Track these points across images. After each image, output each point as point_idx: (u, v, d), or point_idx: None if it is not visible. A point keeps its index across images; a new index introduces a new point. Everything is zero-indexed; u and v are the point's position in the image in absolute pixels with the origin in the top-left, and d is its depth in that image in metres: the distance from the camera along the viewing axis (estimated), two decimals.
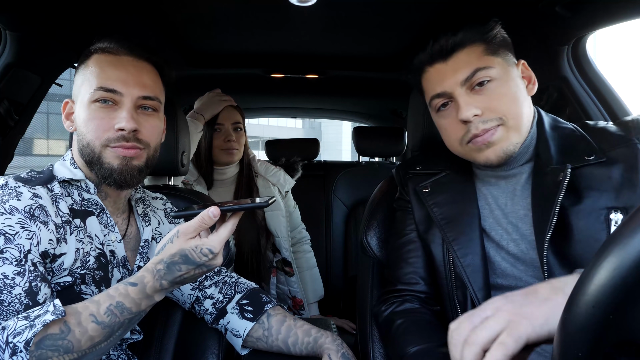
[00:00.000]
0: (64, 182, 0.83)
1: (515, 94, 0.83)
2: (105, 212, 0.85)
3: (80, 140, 0.83)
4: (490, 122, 0.81)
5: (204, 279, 0.98)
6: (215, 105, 1.61)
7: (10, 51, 1.22)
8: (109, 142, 0.81)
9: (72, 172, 0.84)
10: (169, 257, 0.71)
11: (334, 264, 2.29)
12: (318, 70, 1.93)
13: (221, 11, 1.31)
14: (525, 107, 0.84)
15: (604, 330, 0.35)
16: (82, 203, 0.83)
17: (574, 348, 0.36)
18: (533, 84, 0.87)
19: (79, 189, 0.84)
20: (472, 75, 0.82)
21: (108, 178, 0.82)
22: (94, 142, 0.81)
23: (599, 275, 0.35)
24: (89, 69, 0.84)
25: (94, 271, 0.80)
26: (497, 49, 0.85)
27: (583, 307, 0.36)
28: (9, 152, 1.36)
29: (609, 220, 0.75)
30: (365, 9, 1.29)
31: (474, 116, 0.81)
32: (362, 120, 3.29)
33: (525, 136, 0.84)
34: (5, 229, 0.69)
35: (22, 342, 0.61)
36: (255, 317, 0.94)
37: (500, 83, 0.82)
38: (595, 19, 1.12)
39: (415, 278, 0.91)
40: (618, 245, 0.34)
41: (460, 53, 0.84)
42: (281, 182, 1.80)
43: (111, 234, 0.85)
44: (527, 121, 0.84)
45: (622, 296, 0.34)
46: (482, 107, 0.81)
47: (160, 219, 0.99)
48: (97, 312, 0.68)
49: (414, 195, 0.94)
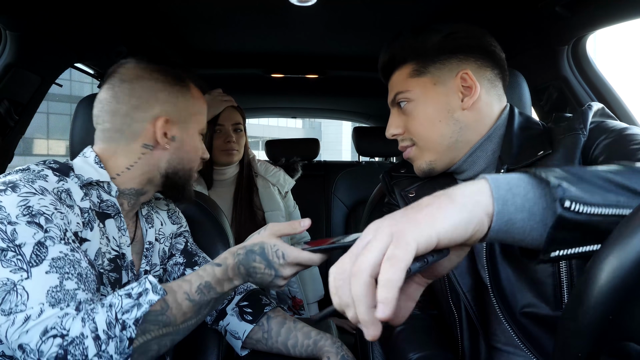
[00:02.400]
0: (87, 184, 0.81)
1: (429, 116, 0.84)
2: (120, 216, 0.85)
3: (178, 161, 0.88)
4: (405, 141, 0.89)
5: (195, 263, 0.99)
6: (216, 105, 1.61)
7: (10, 51, 1.22)
8: None
9: (98, 172, 0.82)
10: (251, 245, 0.77)
11: (334, 264, 2.29)
12: (318, 70, 1.93)
13: (221, 11, 1.32)
14: (442, 127, 0.83)
15: (604, 330, 0.35)
16: (100, 205, 0.82)
17: (574, 348, 0.36)
18: (471, 96, 0.83)
19: (99, 189, 0.83)
20: (394, 98, 0.89)
21: (179, 200, 0.93)
22: (194, 169, 0.92)
23: (598, 275, 0.35)
24: (193, 100, 0.90)
25: (109, 273, 0.80)
26: (428, 65, 0.84)
27: (583, 307, 0.36)
28: (9, 152, 1.36)
29: None
30: (365, 8, 1.29)
31: (393, 135, 0.90)
32: (362, 120, 3.29)
33: (452, 153, 0.85)
34: (42, 209, 0.68)
35: (131, 319, 0.65)
36: (254, 320, 0.94)
37: (416, 105, 0.85)
38: (595, 19, 1.12)
39: None
40: (618, 245, 0.34)
41: (394, 75, 0.90)
42: (281, 182, 1.80)
43: (123, 237, 0.85)
44: (443, 141, 0.84)
45: (622, 296, 0.34)
46: (402, 127, 0.89)
47: (162, 219, 0.99)
48: (190, 291, 0.74)
49: (401, 201, 0.94)
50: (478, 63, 0.84)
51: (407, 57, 0.86)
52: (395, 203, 0.97)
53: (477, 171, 0.86)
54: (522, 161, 0.78)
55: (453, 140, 0.84)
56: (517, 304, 0.76)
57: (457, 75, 0.83)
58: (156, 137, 0.85)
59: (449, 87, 0.83)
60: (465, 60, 0.84)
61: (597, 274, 0.35)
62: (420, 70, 0.85)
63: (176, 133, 0.87)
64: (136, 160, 0.85)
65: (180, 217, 1.05)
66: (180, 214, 1.05)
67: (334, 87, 2.29)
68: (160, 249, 0.95)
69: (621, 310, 0.34)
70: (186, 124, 0.88)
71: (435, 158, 0.87)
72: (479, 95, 0.83)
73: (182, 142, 0.88)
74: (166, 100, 0.86)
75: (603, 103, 1.28)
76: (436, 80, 0.84)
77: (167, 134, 0.86)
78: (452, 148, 0.85)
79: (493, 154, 0.84)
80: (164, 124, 0.85)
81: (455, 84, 0.83)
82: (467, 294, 0.81)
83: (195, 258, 0.99)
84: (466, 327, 0.82)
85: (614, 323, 0.34)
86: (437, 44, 0.84)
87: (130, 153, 0.85)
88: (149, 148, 0.85)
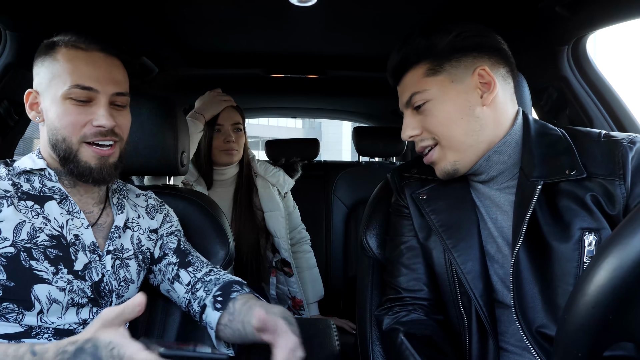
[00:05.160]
0: (25, 172, 0.86)
1: (449, 114, 0.83)
2: (68, 200, 0.87)
3: (53, 134, 0.85)
4: (426, 141, 0.87)
5: (196, 281, 0.96)
6: (215, 105, 1.61)
7: (10, 51, 1.22)
8: (86, 137, 0.85)
9: (34, 162, 0.88)
10: (83, 342, 0.63)
11: (334, 264, 2.29)
12: (318, 70, 1.93)
13: (221, 11, 1.32)
14: (464, 124, 0.83)
15: (604, 330, 0.35)
16: (42, 189, 0.86)
17: (574, 348, 0.36)
18: (490, 92, 0.83)
19: (41, 177, 0.87)
20: (410, 99, 0.87)
21: (86, 176, 0.86)
22: (70, 137, 0.84)
23: (598, 275, 0.35)
24: (58, 63, 0.85)
25: (47, 249, 0.81)
26: (443, 63, 0.84)
27: (583, 307, 0.36)
28: (9, 152, 1.36)
29: (582, 241, 0.75)
30: (365, 9, 1.29)
31: (411, 137, 0.88)
32: (362, 120, 3.29)
33: (474, 152, 0.84)
34: None
35: None
36: (223, 307, 0.89)
37: (436, 103, 0.85)
38: (595, 19, 1.12)
39: (419, 284, 0.90)
40: (618, 245, 0.34)
41: (405, 76, 0.88)
42: (280, 183, 1.79)
43: (76, 219, 0.87)
44: (466, 139, 0.84)
45: (622, 296, 0.34)
46: (420, 127, 0.87)
47: (139, 213, 1.00)
48: None
49: (411, 202, 0.93)
50: (492, 60, 0.84)
51: (421, 57, 0.86)
52: (404, 205, 0.96)
53: (493, 175, 0.86)
54: (546, 175, 0.79)
55: (475, 138, 0.84)
56: (535, 322, 0.77)
57: (474, 72, 0.83)
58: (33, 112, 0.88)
59: (467, 84, 0.83)
60: (479, 57, 0.84)
61: (597, 274, 0.35)
62: (435, 70, 0.85)
63: (43, 103, 0.87)
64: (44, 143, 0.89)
65: (171, 216, 1.05)
66: (170, 213, 1.05)
67: (334, 87, 2.29)
68: (135, 237, 0.96)
69: (621, 310, 0.34)
70: (47, 91, 0.86)
71: (460, 157, 0.85)
72: (497, 92, 0.83)
73: (47, 111, 0.86)
74: (35, 73, 0.88)
75: (603, 103, 1.29)
76: (453, 78, 0.84)
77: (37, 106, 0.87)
78: (475, 147, 0.85)
79: (509, 159, 0.85)
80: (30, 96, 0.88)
81: (473, 80, 0.83)
82: (479, 299, 0.81)
83: (189, 257, 0.99)
84: (475, 331, 0.82)
85: (614, 323, 0.34)
86: (450, 43, 0.84)
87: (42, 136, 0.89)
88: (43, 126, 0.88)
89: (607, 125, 1.27)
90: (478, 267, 0.83)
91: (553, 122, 0.96)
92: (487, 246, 0.85)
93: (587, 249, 0.74)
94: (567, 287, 0.75)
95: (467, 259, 0.83)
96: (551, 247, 0.77)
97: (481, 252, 0.84)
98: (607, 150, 0.79)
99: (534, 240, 0.78)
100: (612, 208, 0.75)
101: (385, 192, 1.13)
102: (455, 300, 0.85)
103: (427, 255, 0.90)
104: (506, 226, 0.84)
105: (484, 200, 0.88)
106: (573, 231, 0.75)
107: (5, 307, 0.78)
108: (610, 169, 0.77)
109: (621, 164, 0.77)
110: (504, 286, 0.83)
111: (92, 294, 0.85)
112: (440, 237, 0.86)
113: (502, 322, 0.83)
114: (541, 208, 0.79)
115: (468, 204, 0.88)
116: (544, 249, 0.77)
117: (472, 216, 0.86)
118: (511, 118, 0.86)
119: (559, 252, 0.76)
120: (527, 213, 0.77)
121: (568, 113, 1.35)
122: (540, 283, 0.77)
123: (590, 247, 0.74)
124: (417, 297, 0.90)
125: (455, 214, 0.87)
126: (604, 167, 0.77)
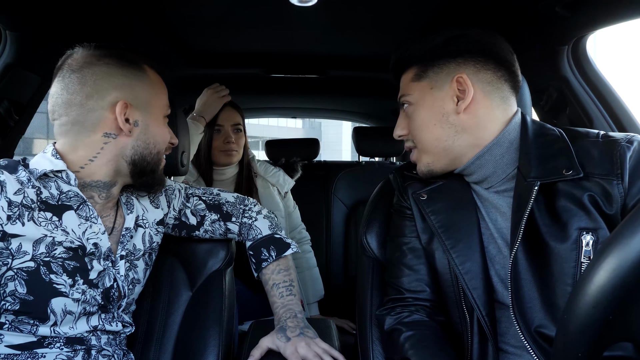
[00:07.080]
0: (43, 176, 0.80)
1: (424, 120, 0.87)
2: (86, 204, 0.84)
3: (146, 147, 0.88)
4: (410, 142, 0.93)
5: (240, 227, 1.09)
6: (214, 104, 1.61)
7: (10, 51, 1.22)
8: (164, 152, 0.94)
9: (52, 162, 0.81)
10: None
11: (334, 264, 2.29)
12: (318, 70, 1.93)
13: (221, 11, 1.32)
14: (436, 130, 0.86)
15: (604, 330, 0.35)
16: (59, 197, 0.81)
17: (574, 348, 0.36)
18: (464, 100, 0.83)
19: (58, 181, 0.82)
20: (399, 100, 0.92)
21: (156, 187, 0.93)
22: (162, 152, 0.92)
23: (599, 275, 0.35)
24: (153, 83, 0.89)
25: (65, 261, 0.79)
26: (427, 69, 0.86)
27: (583, 307, 0.36)
28: (9, 152, 1.36)
29: (579, 241, 0.75)
30: (365, 9, 1.29)
31: (399, 136, 0.93)
32: (362, 120, 3.29)
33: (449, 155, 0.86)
34: None
35: None
36: (256, 271, 1.06)
37: (415, 108, 0.89)
38: (595, 19, 1.12)
39: (422, 285, 0.90)
40: (618, 245, 0.34)
41: (402, 77, 0.93)
42: (280, 183, 1.79)
43: (94, 226, 0.84)
44: (439, 143, 0.86)
45: (622, 296, 0.34)
46: (407, 128, 0.92)
47: (144, 206, 0.98)
48: None
49: (413, 203, 0.93)
50: (477, 66, 0.84)
51: (411, 61, 0.89)
52: (406, 205, 0.96)
53: (485, 175, 0.86)
54: (543, 175, 0.79)
55: (449, 143, 0.85)
56: (533, 322, 0.77)
57: (453, 79, 0.84)
58: (118, 124, 0.83)
59: (445, 91, 0.85)
60: (463, 63, 0.84)
61: (597, 274, 0.35)
62: (420, 75, 0.87)
63: (138, 117, 0.85)
64: (99, 151, 0.83)
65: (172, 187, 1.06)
66: (171, 187, 1.05)
67: (334, 87, 2.29)
68: (146, 234, 0.95)
69: (621, 311, 0.34)
70: (147, 108, 0.87)
71: (432, 160, 0.89)
72: (477, 99, 0.83)
73: (147, 126, 0.86)
74: (122, 84, 0.83)
75: (603, 103, 1.29)
76: (433, 85, 0.86)
77: (130, 119, 0.84)
78: (449, 151, 0.86)
79: (502, 158, 0.84)
80: (124, 108, 0.83)
81: (452, 87, 0.84)
82: (477, 300, 0.81)
83: (224, 208, 1.07)
84: (477, 332, 0.83)
85: (614, 323, 0.34)
86: (436, 49, 0.85)
87: (92, 144, 0.83)
88: (111, 137, 0.84)
89: (607, 125, 1.27)
90: (477, 267, 0.83)
91: (553, 122, 0.96)
92: (488, 247, 0.85)
93: (585, 249, 0.74)
94: (565, 287, 0.75)
95: (465, 260, 0.83)
96: (549, 247, 0.77)
97: (481, 253, 0.84)
98: (605, 150, 0.79)
99: (532, 240, 0.78)
100: (609, 208, 0.75)
101: (385, 192, 1.13)
102: (458, 301, 0.85)
103: (430, 258, 0.90)
104: (505, 227, 0.84)
105: (483, 201, 0.88)
106: (570, 231, 0.75)
107: (21, 319, 0.77)
108: (608, 169, 0.77)
109: (619, 163, 0.76)
110: (504, 287, 0.83)
111: (102, 300, 0.84)
112: (440, 238, 0.86)
113: (502, 322, 0.83)
114: (539, 208, 0.79)
115: (469, 205, 0.88)
116: (542, 249, 0.77)
117: (473, 217, 0.86)
118: (502, 121, 0.85)
119: (556, 252, 0.76)
120: (524, 213, 0.78)
121: (568, 113, 1.35)
122: (538, 283, 0.77)
123: (587, 247, 0.74)
124: (420, 298, 0.90)
125: (455, 214, 0.87)
126: (602, 167, 0.77)
